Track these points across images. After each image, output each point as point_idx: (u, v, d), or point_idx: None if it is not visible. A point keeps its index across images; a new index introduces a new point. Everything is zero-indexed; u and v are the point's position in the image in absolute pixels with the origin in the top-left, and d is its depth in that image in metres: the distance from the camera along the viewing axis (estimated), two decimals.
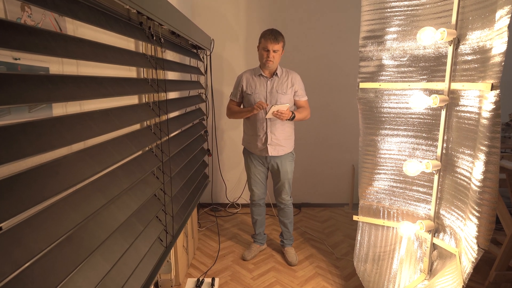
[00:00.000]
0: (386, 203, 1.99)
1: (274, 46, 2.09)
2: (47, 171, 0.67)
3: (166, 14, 1.25)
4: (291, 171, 2.35)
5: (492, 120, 1.23)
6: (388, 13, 1.82)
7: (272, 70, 2.22)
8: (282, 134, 2.24)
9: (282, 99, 2.19)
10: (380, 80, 1.89)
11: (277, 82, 2.20)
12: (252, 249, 2.55)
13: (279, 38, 2.10)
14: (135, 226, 1.03)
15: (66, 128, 0.69)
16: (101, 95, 0.81)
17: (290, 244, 2.53)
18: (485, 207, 1.31)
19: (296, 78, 2.25)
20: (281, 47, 2.14)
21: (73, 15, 0.73)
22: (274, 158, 2.29)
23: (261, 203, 2.48)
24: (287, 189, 2.37)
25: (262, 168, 2.37)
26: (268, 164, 2.33)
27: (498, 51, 1.23)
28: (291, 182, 2.39)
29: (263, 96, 2.20)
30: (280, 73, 2.23)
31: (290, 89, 2.21)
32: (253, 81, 2.23)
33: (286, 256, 2.46)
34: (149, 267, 1.08)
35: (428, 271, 1.81)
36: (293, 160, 2.37)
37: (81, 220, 0.71)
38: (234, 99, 2.32)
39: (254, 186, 2.41)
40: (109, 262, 0.85)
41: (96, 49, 0.82)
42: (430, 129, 1.78)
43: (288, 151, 2.31)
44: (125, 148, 0.96)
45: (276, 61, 2.15)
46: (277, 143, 2.24)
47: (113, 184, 0.90)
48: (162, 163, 1.25)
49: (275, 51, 2.11)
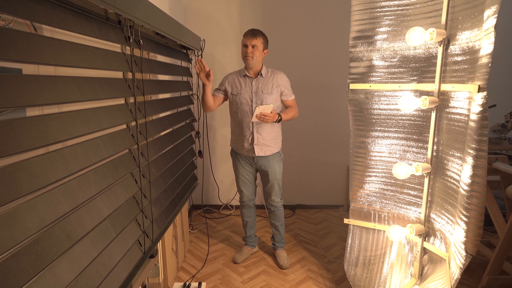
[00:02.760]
0: (377, 206, 1.95)
1: (252, 41, 2.10)
2: (2, 176, 0.64)
3: (146, 14, 1.22)
4: (280, 172, 2.33)
5: (479, 123, 1.20)
6: (378, 13, 1.79)
7: (256, 70, 2.20)
8: (269, 134, 2.22)
9: (268, 99, 2.17)
10: (370, 81, 1.86)
11: (262, 82, 2.19)
12: (243, 251, 2.51)
13: (257, 34, 2.12)
14: (109, 231, 1.00)
15: (19, 132, 0.66)
16: (60, 98, 0.78)
17: (281, 247, 2.50)
18: (473, 212, 1.27)
19: (282, 78, 2.23)
20: (260, 43, 2.12)
21: (31, 16, 0.70)
22: (261, 159, 2.27)
23: (250, 204, 2.45)
24: (277, 191, 2.34)
25: (250, 168, 2.35)
26: (256, 165, 2.31)
27: (485, 52, 1.20)
28: (281, 183, 2.37)
29: (248, 96, 2.18)
30: (265, 73, 2.21)
31: (275, 89, 2.20)
32: (238, 82, 2.22)
33: (278, 259, 2.43)
34: (124, 273, 1.05)
35: (419, 275, 1.77)
36: (281, 160, 2.35)
37: (39, 228, 0.68)
38: (216, 94, 2.27)
39: (242, 186, 2.39)
40: (75, 270, 0.82)
41: (55, 49, 0.78)
42: (420, 131, 1.75)
43: (275, 151, 2.29)
44: (95, 151, 0.93)
45: (256, 57, 2.12)
46: (263, 143, 2.22)
47: (81, 188, 0.87)
48: (139, 167, 1.22)
49: (253, 46, 2.10)
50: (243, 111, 2.19)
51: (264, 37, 2.16)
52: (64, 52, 0.81)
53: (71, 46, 0.85)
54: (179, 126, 2.01)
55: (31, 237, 0.67)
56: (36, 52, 0.73)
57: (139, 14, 1.17)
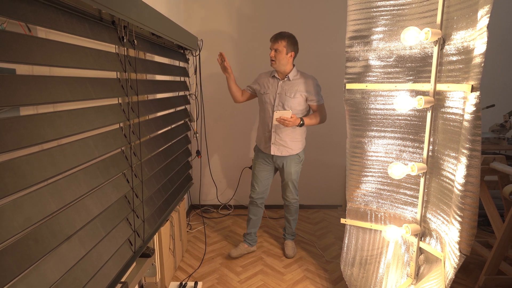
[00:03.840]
0: (373, 206, 1.95)
1: (274, 45, 2.18)
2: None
3: (140, 14, 1.23)
4: (296, 173, 2.39)
5: (473, 123, 1.19)
6: (374, 13, 1.78)
7: (285, 72, 2.26)
8: (287, 136, 2.28)
9: (290, 102, 2.22)
10: (366, 81, 1.86)
11: (288, 85, 2.25)
12: (240, 247, 2.54)
13: (278, 37, 2.17)
14: (98, 230, 1.00)
15: (6, 131, 0.66)
16: (49, 98, 0.78)
17: (290, 238, 2.61)
18: (466, 212, 1.27)
19: (308, 83, 2.25)
20: (282, 46, 2.17)
21: (19, 16, 0.70)
22: (279, 158, 2.35)
23: (258, 203, 2.48)
24: (291, 189, 2.43)
25: (267, 166, 2.42)
26: (274, 163, 2.39)
27: (479, 52, 1.19)
28: (297, 183, 2.44)
29: (272, 96, 2.27)
30: (293, 76, 2.26)
31: (298, 94, 2.23)
32: (267, 82, 2.31)
33: (284, 249, 2.55)
34: (113, 271, 1.06)
35: (415, 275, 1.77)
36: (299, 162, 2.40)
37: (25, 227, 0.69)
38: (246, 89, 2.46)
39: (255, 182, 2.45)
40: (62, 269, 0.82)
41: (45, 49, 0.79)
42: (417, 131, 1.74)
43: (294, 153, 2.34)
44: (85, 151, 0.94)
45: (278, 60, 2.19)
46: (280, 143, 2.29)
47: (70, 188, 0.87)
48: (131, 166, 1.23)
49: (275, 50, 2.17)
50: (266, 110, 2.30)
51: (289, 40, 2.18)
52: (53, 52, 0.81)
53: (61, 46, 0.86)
54: (175, 126, 2.02)
55: (16, 236, 0.68)
56: (24, 52, 0.74)
57: (132, 15, 1.17)
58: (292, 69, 2.26)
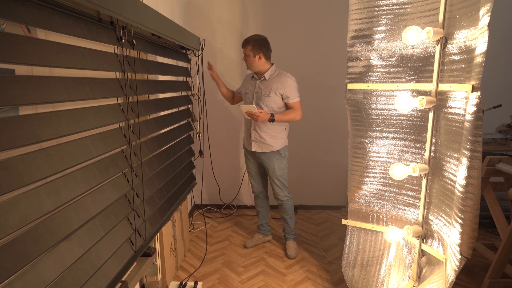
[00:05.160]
0: (375, 207, 1.93)
1: (243, 50, 2.28)
2: None
3: (139, 15, 1.23)
4: (280, 169, 2.41)
5: (474, 123, 1.17)
6: (376, 12, 1.77)
7: (261, 72, 2.33)
8: (266, 133, 2.34)
9: (266, 101, 2.30)
10: (368, 81, 1.84)
11: (264, 84, 2.32)
12: (255, 238, 2.69)
13: (244, 43, 2.28)
14: (97, 229, 1.01)
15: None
16: (45, 98, 0.79)
17: (291, 238, 2.61)
18: (467, 214, 1.25)
19: (284, 81, 2.28)
20: (248, 51, 2.25)
21: (13, 17, 0.71)
22: (262, 155, 2.41)
23: (261, 195, 2.60)
24: (279, 186, 2.45)
25: (253, 161, 2.52)
26: (258, 159, 2.46)
27: (480, 51, 1.17)
28: (284, 179, 2.45)
29: (251, 96, 2.36)
30: (269, 75, 2.32)
31: (272, 92, 2.28)
32: (248, 82, 2.42)
33: (286, 249, 2.56)
34: (113, 271, 1.06)
35: (417, 278, 1.75)
36: (282, 158, 2.41)
37: (21, 226, 0.69)
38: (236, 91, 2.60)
39: (251, 177, 2.58)
40: (60, 268, 0.83)
41: (39, 50, 0.79)
42: (419, 132, 1.72)
43: (274, 150, 2.37)
44: (83, 151, 0.95)
45: (249, 63, 2.29)
46: (260, 140, 2.36)
47: (67, 187, 0.88)
48: (131, 166, 1.24)
49: (245, 54, 2.27)
50: None
51: (254, 43, 2.23)
52: (48, 53, 0.82)
53: (57, 47, 0.87)
54: (176, 126, 2.03)
55: (11, 235, 0.69)
56: (19, 53, 0.75)
57: (131, 15, 1.18)
58: (269, 68, 2.30)
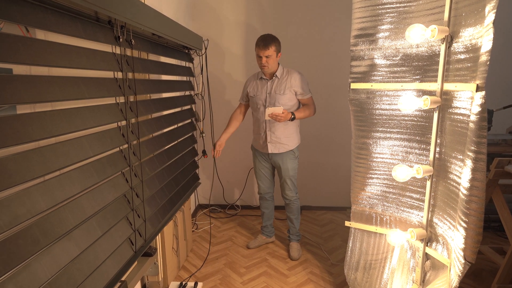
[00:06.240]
0: (378, 209, 1.90)
1: (264, 52, 2.17)
2: None
3: (137, 14, 1.23)
4: (293, 169, 2.41)
5: (478, 124, 1.14)
6: (380, 10, 1.73)
7: (272, 72, 2.30)
8: (282, 133, 2.32)
9: (281, 100, 2.26)
10: (372, 81, 1.81)
11: (276, 83, 2.29)
12: (258, 239, 2.67)
13: (268, 44, 2.17)
14: (94, 229, 1.01)
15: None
16: (37, 98, 0.79)
17: (295, 239, 2.59)
18: (472, 218, 1.21)
19: (295, 78, 2.28)
20: (272, 52, 2.19)
21: (8, 16, 0.71)
22: (275, 156, 2.38)
23: (267, 197, 2.57)
24: (290, 186, 2.44)
25: (266, 163, 2.48)
26: (271, 160, 2.43)
27: (485, 49, 1.14)
28: (295, 179, 2.45)
29: (263, 97, 2.31)
30: (280, 74, 2.30)
31: (287, 90, 2.27)
32: (256, 84, 2.36)
33: (289, 250, 2.54)
34: (112, 271, 1.06)
35: (421, 282, 1.71)
36: (295, 158, 2.42)
37: (12, 225, 0.69)
38: (241, 102, 2.50)
39: (259, 179, 2.54)
40: (54, 268, 0.83)
41: (32, 49, 0.79)
42: (423, 132, 1.69)
43: (290, 149, 2.37)
44: (78, 150, 0.94)
45: (271, 65, 2.23)
46: (276, 141, 2.34)
47: (62, 187, 0.88)
48: (130, 166, 1.23)
49: (267, 56, 2.18)
50: (259, 111, 2.34)
51: (276, 43, 2.21)
52: (42, 52, 0.82)
53: (51, 46, 0.87)
54: (179, 126, 2.02)
55: (2, 234, 0.68)
56: (14, 52, 0.75)
57: (129, 15, 1.18)
58: (278, 67, 2.29)
